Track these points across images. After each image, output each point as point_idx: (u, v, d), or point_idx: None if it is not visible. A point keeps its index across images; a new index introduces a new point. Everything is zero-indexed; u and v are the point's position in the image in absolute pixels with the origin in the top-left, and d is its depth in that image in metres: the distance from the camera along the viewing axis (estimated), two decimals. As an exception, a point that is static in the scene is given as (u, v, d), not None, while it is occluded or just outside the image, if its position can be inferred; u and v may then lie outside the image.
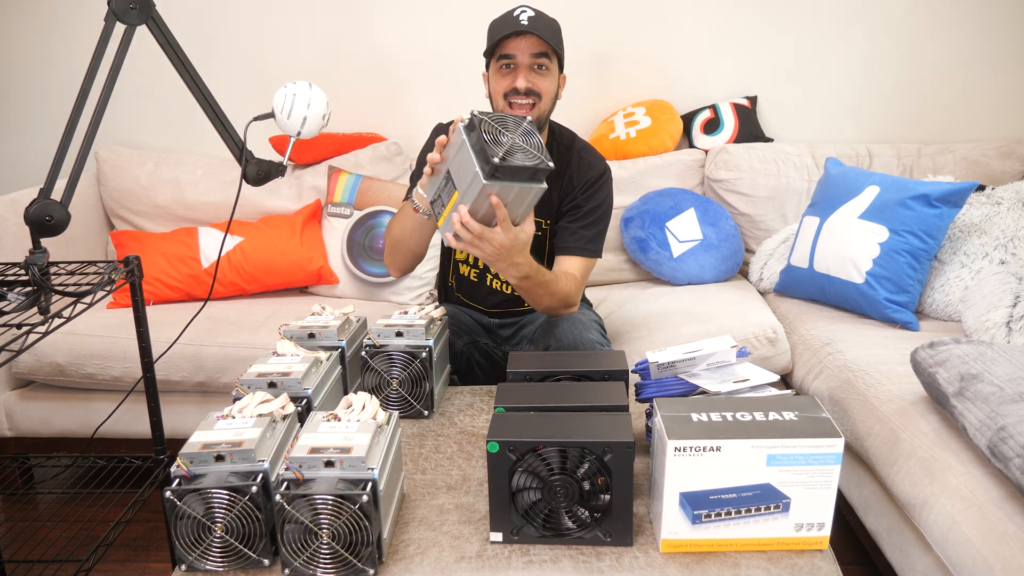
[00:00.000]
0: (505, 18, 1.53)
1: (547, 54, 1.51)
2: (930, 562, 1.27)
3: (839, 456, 0.94)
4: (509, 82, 1.52)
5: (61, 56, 2.48)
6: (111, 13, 1.32)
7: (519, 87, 1.50)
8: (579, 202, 1.63)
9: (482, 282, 1.74)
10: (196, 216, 2.36)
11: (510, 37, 1.49)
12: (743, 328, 1.88)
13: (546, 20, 1.53)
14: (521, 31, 1.47)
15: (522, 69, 1.51)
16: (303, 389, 1.17)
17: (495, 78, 1.55)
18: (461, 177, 1.24)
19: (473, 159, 1.20)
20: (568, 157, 1.66)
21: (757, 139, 2.42)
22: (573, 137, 1.70)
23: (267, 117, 1.47)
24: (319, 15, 2.43)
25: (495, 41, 1.50)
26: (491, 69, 1.56)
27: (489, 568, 0.95)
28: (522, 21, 1.48)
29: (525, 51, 1.50)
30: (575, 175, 1.65)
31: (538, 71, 1.52)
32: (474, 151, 1.21)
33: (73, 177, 1.30)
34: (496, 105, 1.57)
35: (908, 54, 2.43)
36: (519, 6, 1.53)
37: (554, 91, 1.57)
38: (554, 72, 1.55)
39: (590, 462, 0.96)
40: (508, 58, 1.51)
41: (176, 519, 0.92)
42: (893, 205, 1.86)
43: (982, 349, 1.33)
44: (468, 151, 1.21)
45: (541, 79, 1.52)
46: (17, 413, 2.01)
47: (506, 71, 1.52)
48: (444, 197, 1.30)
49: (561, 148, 1.67)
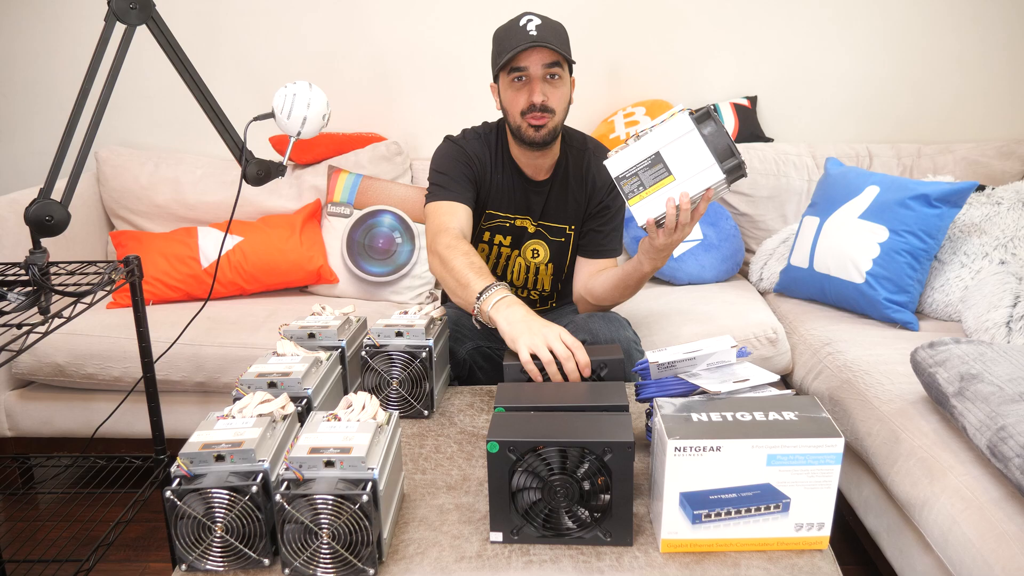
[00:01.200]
0: (512, 29, 1.48)
1: (559, 63, 1.48)
2: (930, 562, 1.27)
3: (839, 456, 0.94)
4: (525, 98, 1.49)
5: (61, 56, 2.49)
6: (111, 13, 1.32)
7: (536, 103, 1.48)
8: (607, 203, 1.63)
9: None
10: (196, 216, 2.36)
11: (521, 51, 1.45)
12: (743, 328, 1.88)
13: (554, 27, 1.50)
14: (532, 44, 1.43)
15: (536, 82, 1.48)
16: (303, 389, 1.17)
17: (508, 93, 1.52)
18: (685, 165, 1.30)
19: (709, 153, 1.28)
20: (584, 159, 1.65)
21: (757, 139, 2.42)
22: (584, 138, 1.68)
23: (267, 117, 1.47)
24: (319, 15, 2.43)
25: (507, 57, 1.46)
26: (502, 83, 1.53)
27: (489, 568, 0.95)
28: (531, 32, 1.45)
29: (537, 63, 1.46)
30: (596, 177, 1.63)
31: (551, 81, 1.49)
32: (711, 145, 1.28)
33: (73, 177, 1.30)
34: (512, 120, 1.54)
35: (908, 54, 2.43)
36: (524, 14, 1.49)
37: (567, 100, 1.55)
38: (566, 79, 1.52)
39: (590, 462, 0.95)
40: (520, 71, 1.47)
41: (176, 519, 0.92)
42: (893, 205, 1.86)
43: (982, 349, 1.33)
44: (701, 143, 1.28)
45: (554, 90, 1.50)
46: (17, 413, 2.01)
47: (519, 84, 1.49)
48: (647, 180, 1.33)
49: (575, 151, 1.65)
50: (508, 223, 1.67)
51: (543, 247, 1.69)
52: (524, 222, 1.67)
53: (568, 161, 1.65)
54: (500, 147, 1.64)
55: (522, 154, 1.61)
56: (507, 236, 1.68)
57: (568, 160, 1.65)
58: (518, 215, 1.67)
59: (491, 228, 1.68)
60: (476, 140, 1.64)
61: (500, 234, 1.68)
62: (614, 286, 1.56)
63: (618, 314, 1.63)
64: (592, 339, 1.51)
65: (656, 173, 1.31)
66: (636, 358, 1.54)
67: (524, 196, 1.65)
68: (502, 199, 1.65)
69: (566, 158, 1.64)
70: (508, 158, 1.64)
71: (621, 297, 1.59)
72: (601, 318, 1.56)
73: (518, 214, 1.67)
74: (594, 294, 1.62)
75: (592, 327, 1.54)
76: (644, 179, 1.32)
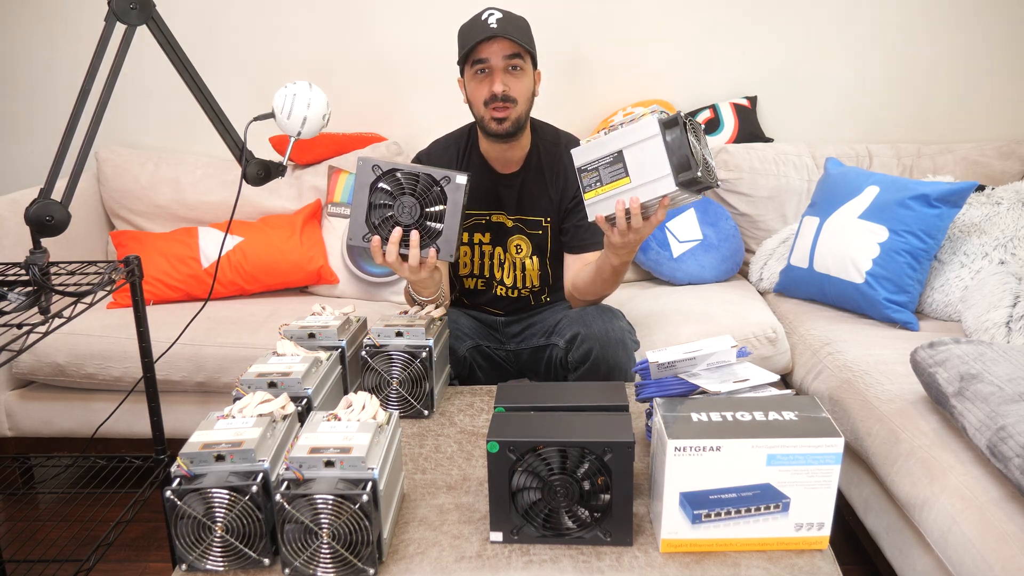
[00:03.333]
0: (473, 23, 1.53)
1: (520, 54, 1.52)
2: (930, 562, 1.27)
3: (839, 456, 0.94)
4: (487, 88, 1.52)
5: (62, 56, 2.49)
6: (111, 13, 1.32)
7: (496, 92, 1.51)
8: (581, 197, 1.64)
9: (488, 290, 1.75)
10: (196, 216, 2.36)
11: (481, 43, 1.49)
12: (743, 328, 1.88)
13: (514, 20, 1.53)
14: (491, 35, 1.48)
15: (497, 73, 1.52)
16: (303, 389, 1.17)
17: (471, 84, 1.56)
18: (642, 170, 1.27)
19: (667, 161, 1.24)
20: (557, 153, 1.67)
21: (757, 139, 2.42)
22: (556, 132, 1.71)
23: (267, 117, 1.47)
24: (319, 15, 2.43)
25: (467, 48, 1.51)
26: (466, 75, 1.57)
27: (489, 568, 0.95)
28: (491, 24, 1.49)
29: (498, 54, 1.50)
30: (569, 171, 1.65)
31: (512, 72, 1.53)
32: (671, 153, 1.24)
33: (73, 177, 1.30)
34: (476, 112, 1.58)
35: (908, 54, 2.43)
36: (486, 9, 1.54)
37: (530, 91, 1.58)
38: (528, 71, 1.55)
39: (590, 462, 0.96)
40: (482, 62, 1.51)
41: (176, 519, 0.93)
42: (893, 205, 1.86)
43: (982, 349, 1.33)
44: (662, 149, 1.24)
45: (516, 81, 1.53)
46: (17, 413, 2.01)
47: (481, 76, 1.53)
48: (604, 176, 1.31)
49: (547, 145, 1.68)
50: (484, 219, 1.70)
51: (524, 241, 1.71)
52: (500, 217, 1.70)
53: (540, 153, 1.67)
54: (469, 145, 1.69)
55: (491, 147, 1.65)
56: (486, 233, 1.71)
57: (540, 152, 1.67)
58: (492, 210, 1.69)
59: (468, 227, 1.70)
60: (442, 148, 1.70)
61: (479, 232, 1.71)
62: (592, 280, 1.58)
63: (610, 305, 1.65)
64: (586, 330, 1.53)
65: (614, 172, 1.30)
66: (631, 348, 1.55)
67: (494, 190, 1.68)
68: (473, 195, 1.67)
69: (537, 150, 1.67)
70: (477, 154, 1.68)
71: (603, 290, 1.61)
72: (594, 309, 1.59)
73: (491, 209, 1.69)
74: (579, 289, 1.65)
75: (586, 319, 1.55)
76: (603, 175, 1.32)
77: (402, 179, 1.35)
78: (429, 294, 1.53)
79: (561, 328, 1.60)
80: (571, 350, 1.55)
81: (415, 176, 1.35)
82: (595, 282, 1.58)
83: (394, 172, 1.35)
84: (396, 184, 1.35)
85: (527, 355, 1.72)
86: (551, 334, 1.65)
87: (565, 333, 1.57)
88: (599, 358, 1.51)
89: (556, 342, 1.60)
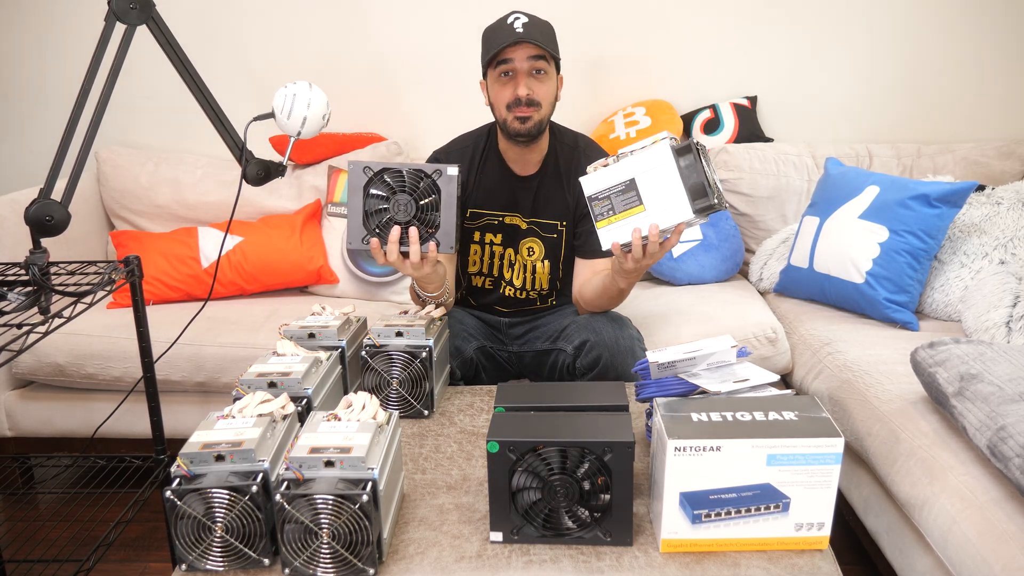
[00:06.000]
0: (499, 27, 1.53)
1: (544, 58, 1.52)
2: (930, 562, 1.27)
3: (839, 456, 0.94)
4: (510, 92, 1.53)
5: (61, 56, 2.49)
6: (111, 13, 1.32)
7: (521, 96, 1.51)
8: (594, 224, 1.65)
9: (496, 289, 1.74)
10: (196, 216, 2.36)
11: (507, 46, 1.49)
12: (743, 328, 1.88)
13: (540, 25, 1.53)
14: (517, 40, 1.48)
15: (521, 76, 1.52)
16: (303, 389, 1.17)
17: (495, 88, 1.56)
18: (657, 197, 1.28)
19: (682, 188, 1.25)
20: (575, 157, 1.67)
21: (757, 139, 2.42)
22: (575, 136, 1.71)
23: (267, 117, 1.47)
24: (319, 15, 2.43)
25: (493, 52, 1.51)
26: (489, 78, 1.57)
27: (489, 568, 0.95)
28: (517, 29, 1.49)
29: (522, 58, 1.50)
30: None
31: (536, 76, 1.53)
32: (685, 181, 1.25)
33: (73, 177, 1.30)
34: (499, 114, 1.58)
35: (908, 54, 2.43)
36: (512, 13, 1.54)
37: (553, 95, 1.58)
38: (552, 75, 1.56)
39: (590, 462, 0.96)
40: (506, 64, 1.51)
41: (176, 519, 0.93)
42: (893, 205, 1.86)
43: (982, 349, 1.33)
44: (677, 177, 1.25)
45: (540, 85, 1.53)
46: (17, 413, 2.01)
47: (506, 79, 1.53)
48: (617, 205, 1.31)
49: (565, 149, 1.68)
50: (497, 220, 1.69)
51: (538, 244, 1.70)
52: (514, 219, 1.69)
53: (558, 157, 1.67)
54: (488, 145, 1.68)
55: (510, 148, 1.65)
56: (497, 234, 1.70)
57: (558, 156, 1.67)
58: (506, 212, 1.68)
59: (480, 227, 1.69)
60: (459, 146, 1.69)
61: (490, 232, 1.70)
62: (598, 295, 1.59)
63: (620, 313, 1.65)
64: (595, 337, 1.53)
65: (628, 200, 1.30)
66: (639, 356, 1.55)
67: (511, 192, 1.67)
68: (488, 196, 1.67)
69: (555, 154, 1.67)
70: (496, 155, 1.68)
71: (609, 305, 1.63)
72: (604, 317, 1.60)
73: (506, 211, 1.68)
74: (585, 299, 1.65)
75: (595, 326, 1.55)
76: (615, 204, 1.32)
77: (393, 178, 1.36)
78: (434, 289, 1.52)
79: (569, 334, 1.60)
80: (579, 356, 1.55)
81: (406, 173, 1.36)
82: (601, 298, 1.59)
83: (385, 172, 1.35)
84: (389, 183, 1.36)
85: (530, 358, 1.71)
86: (557, 339, 1.64)
87: (574, 339, 1.57)
88: (608, 365, 1.51)
89: (564, 347, 1.60)
